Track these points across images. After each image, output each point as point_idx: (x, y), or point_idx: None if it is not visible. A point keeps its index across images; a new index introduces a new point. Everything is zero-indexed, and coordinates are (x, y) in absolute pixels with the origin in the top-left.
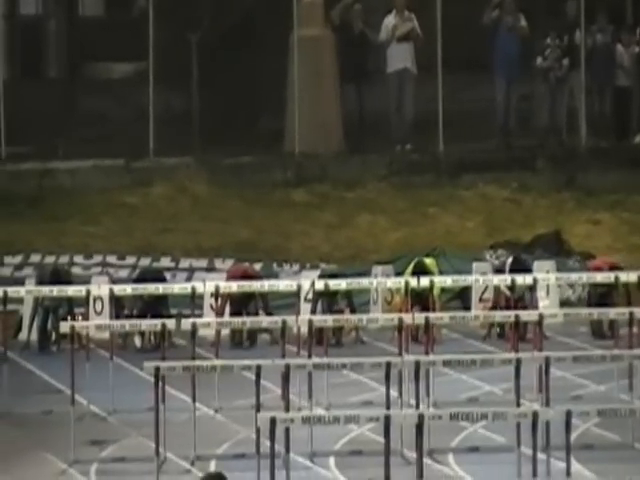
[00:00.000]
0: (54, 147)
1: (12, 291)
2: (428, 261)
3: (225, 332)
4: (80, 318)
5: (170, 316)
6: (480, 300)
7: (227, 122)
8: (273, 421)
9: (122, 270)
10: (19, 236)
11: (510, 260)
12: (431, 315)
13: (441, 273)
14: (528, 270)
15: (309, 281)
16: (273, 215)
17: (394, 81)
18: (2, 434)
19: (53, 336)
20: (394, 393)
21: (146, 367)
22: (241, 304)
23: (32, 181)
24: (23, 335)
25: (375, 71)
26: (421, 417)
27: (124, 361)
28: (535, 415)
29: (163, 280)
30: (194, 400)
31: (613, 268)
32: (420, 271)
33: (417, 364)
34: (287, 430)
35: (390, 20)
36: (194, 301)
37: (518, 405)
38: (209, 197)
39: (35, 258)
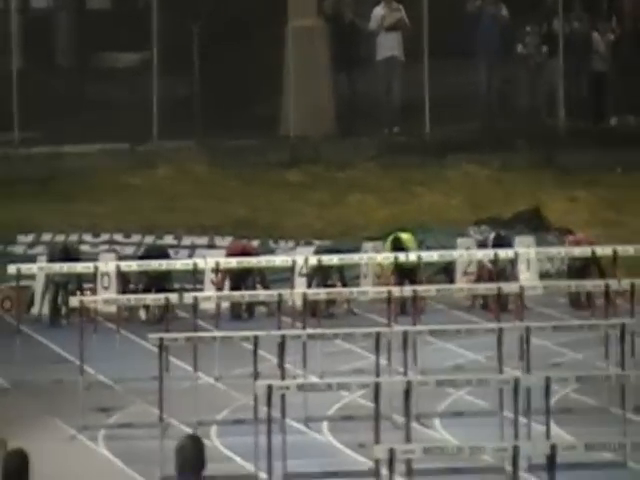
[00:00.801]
0: (64, 132)
1: (25, 268)
2: (405, 237)
3: (225, 305)
4: (88, 293)
5: (173, 290)
6: (464, 273)
7: (226, 107)
8: (270, 388)
9: (128, 247)
10: (31, 216)
11: (492, 236)
12: (418, 288)
13: (427, 248)
14: (509, 245)
15: (303, 257)
16: (269, 194)
17: (383, 68)
18: (15, 402)
19: (63, 310)
20: (383, 361)
21: (150, 338)
22: (240, 279)
23: (43, 164)
24: (35, 309)
25: (365, 59)
26: (409, 384)
27: (130, 333)
28: (516, 381)
29: (166, 257)
30: (196, 369)
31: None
32: (397, 247)
33: (405, 334)
34: (283, 397)
35: (379, 10)
36: (196, 276)
37: (500, 372)
38: (209, 178)
39: (46, 237)
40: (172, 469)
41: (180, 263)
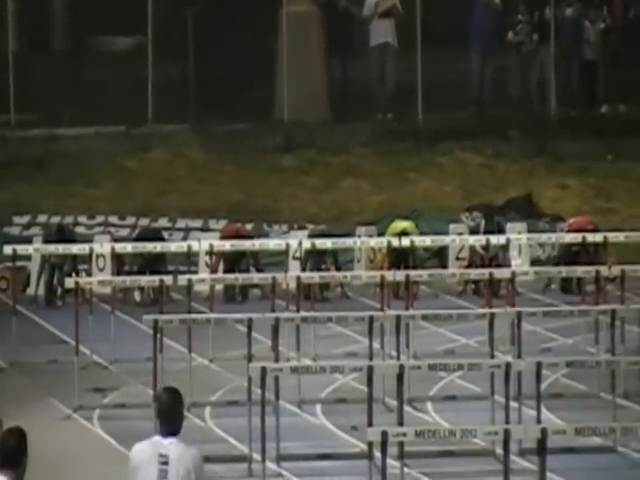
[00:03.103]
0: (60, 114)
1: (21, 249)
2: (409, 228)
3: (219, 288)
4: (84, 274)
5: (167, 272)
6: (457, 259)
7: (221, 91)
8: (264, 370)
9: (123, 229)
10: (27, 197)
11: (483, 222)
12: (411, 273)
13: (421, 234)
14: (500, 230)
15: (297, 240)
16: (264, 179)
17: (376, 54)
18: (11, 382)
19: (59, 291)
20: (376, 345)
21: (145, 320)
22: (234, 262)
23: (39, 146)
24: (31, 290)
25: (359, 45)
26: (401, 367)
27: (125, 314)
28: (508, 366)
29: (161, 239)
30: (190, 351)
31: (589, 230)
32: (402, 234)
33: (398, 318)
34: (277, 379)
35: None
36: (190, 259)
37: (492, 357)
38: (204, 162)
39: (42, 218)
40: None
41: (174, 246)
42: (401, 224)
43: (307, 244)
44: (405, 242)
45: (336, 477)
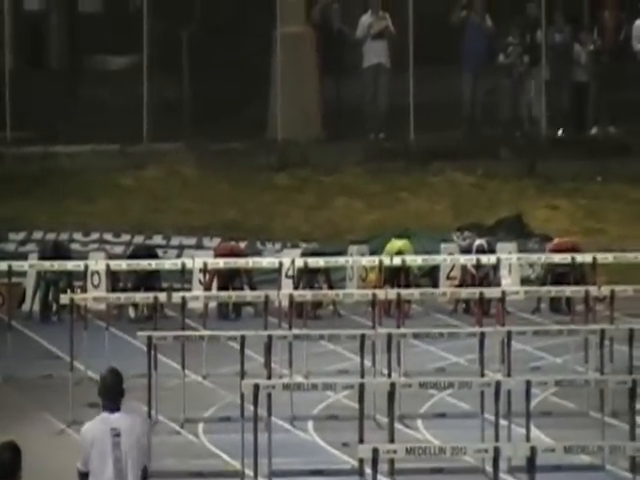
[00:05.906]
0: (56, 132)
1: (16, 265)
2: (403, 245)
3: (212, 305)
4: (79, 291)
5: (162, 289)
6: (448, 278)
7: (215, 111)
8: (256, 387)
9: (117, 247)
10: (23, 214)
11: (476, 244)
12: (402, 291)
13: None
14: (492, 251)
15: (290, 258)
16: (257, 197)
17: (369, 75)
18: (6, 396)
19: (54, 307)
20: (368, 363)
21: (139, 336)
22: (227, 279)
23: (35, 163)
24: (26, 306)
25: (352, 66)
26: (392, 385)
27: (119, 330)
28: (498, 384)
29: (155, 256)
30: (183, 367)
31: (572, 249)
32: (399, 253)
33: (389, 336)
34: (269, 396)
35: (366, 19)
36: (184, 276)
37: (482, 375)
38: (198, 180)
39: (37, 235)
40: (160, 465)
41: (169, 263)
42: (397, 243)
43: (300, 262)
44: (397, 261)
45: None
